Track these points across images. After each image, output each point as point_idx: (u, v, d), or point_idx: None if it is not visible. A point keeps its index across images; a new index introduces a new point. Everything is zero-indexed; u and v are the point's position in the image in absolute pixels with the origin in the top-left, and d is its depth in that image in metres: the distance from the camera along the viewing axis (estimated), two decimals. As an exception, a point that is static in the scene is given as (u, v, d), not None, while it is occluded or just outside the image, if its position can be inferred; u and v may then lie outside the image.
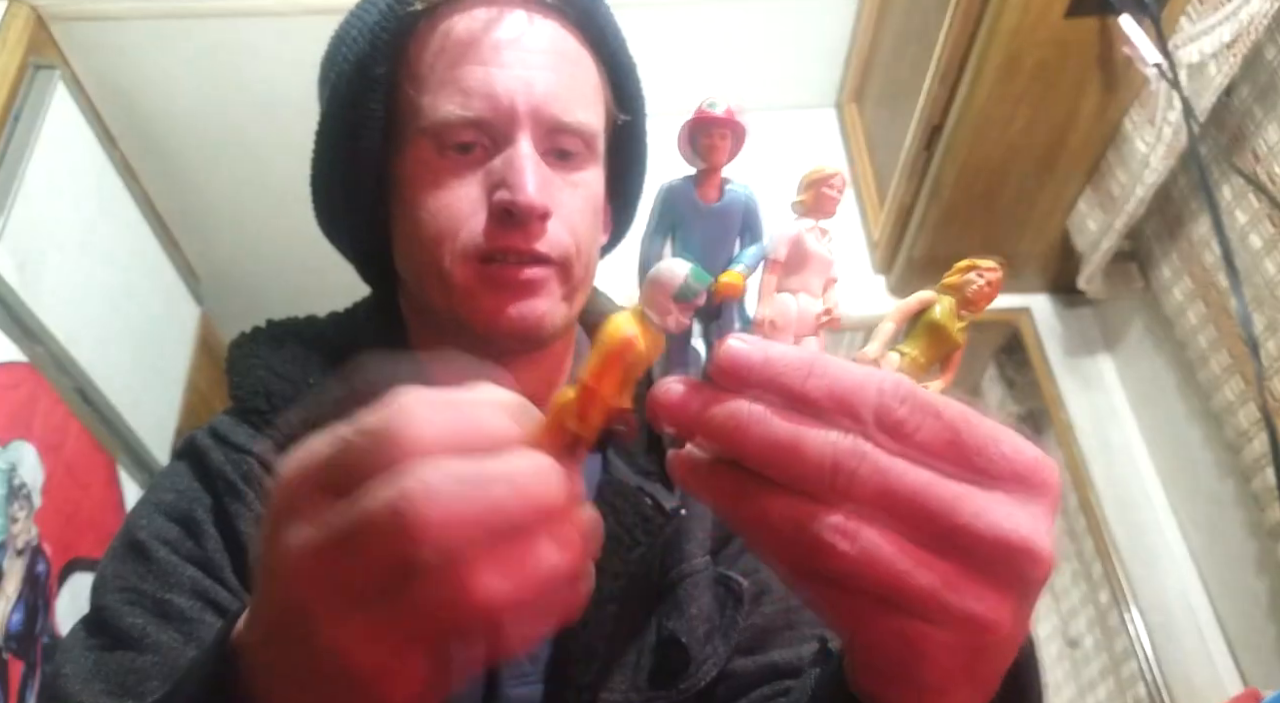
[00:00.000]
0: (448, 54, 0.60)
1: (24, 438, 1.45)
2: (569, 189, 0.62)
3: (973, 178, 1.59)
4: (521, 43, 0.61)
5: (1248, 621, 1.47)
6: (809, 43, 1.96)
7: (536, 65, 0.61)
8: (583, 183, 0.64)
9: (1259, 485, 1.36)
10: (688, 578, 0.63)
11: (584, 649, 0.60)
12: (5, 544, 1.37)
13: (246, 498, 0.61)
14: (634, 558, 0.61)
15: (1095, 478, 1.70)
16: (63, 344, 1.58)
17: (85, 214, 1.71)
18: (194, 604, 0.58)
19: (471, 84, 0.59)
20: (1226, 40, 1.25)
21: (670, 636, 0.61)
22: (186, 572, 0.59)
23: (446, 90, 0.60)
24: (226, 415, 0.67)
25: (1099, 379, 1.79)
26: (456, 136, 0.60)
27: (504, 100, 0.59)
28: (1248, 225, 1.35)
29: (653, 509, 0.62)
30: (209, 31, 1.72)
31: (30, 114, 1.58)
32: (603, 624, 0.60)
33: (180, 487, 0.63)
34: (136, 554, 0.60)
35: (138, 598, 0.58)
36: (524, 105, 0.59)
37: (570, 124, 0.61)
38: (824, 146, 2.07)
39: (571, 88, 0.62)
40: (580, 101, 0.63)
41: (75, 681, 0.55)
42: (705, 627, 0.62)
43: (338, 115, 0.64)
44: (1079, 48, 1.39)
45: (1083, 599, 1.80)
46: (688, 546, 0.64)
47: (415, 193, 0.62)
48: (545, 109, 0.60)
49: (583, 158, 0.63)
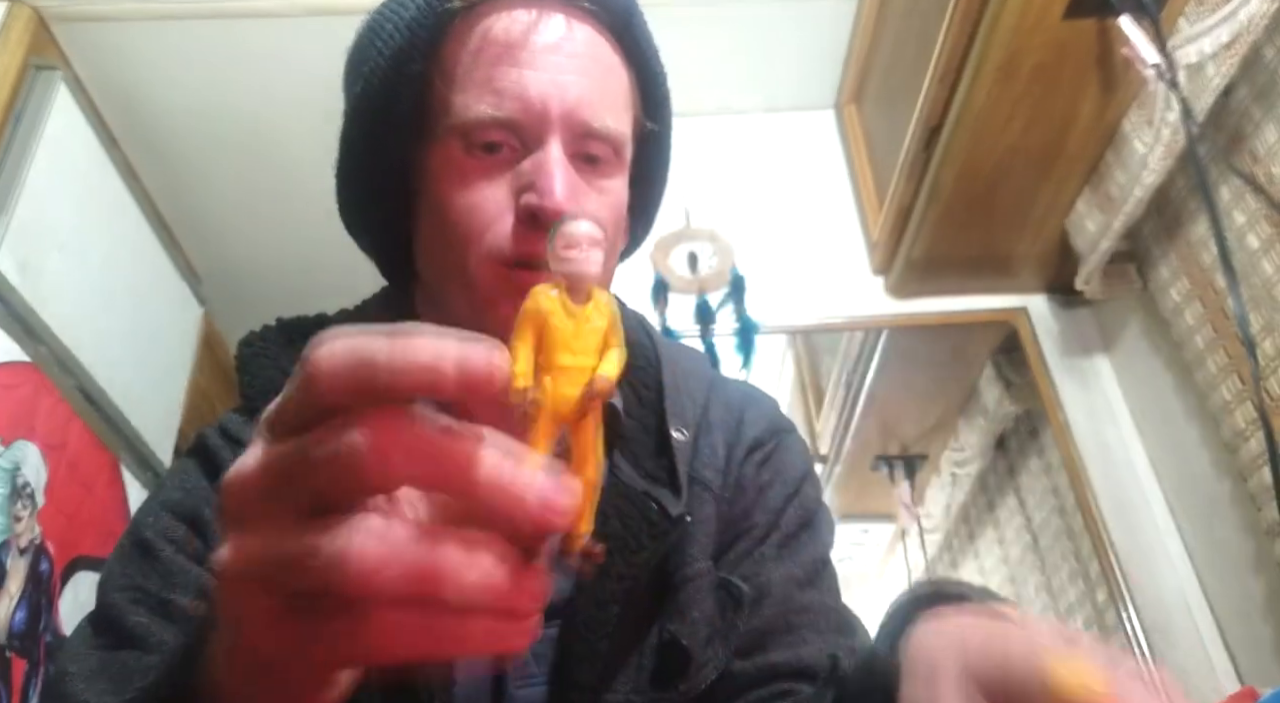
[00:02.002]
0: (483, 54, 0.60)
1: (27, 437, 1.46)
2: (595, 195, 0.62)
3: (971, 178, 1.59)
4: (558, 47, 0.60)
5: (1244, 619, 1.48)
6: (808, 45, 1.97)
7: (571, 70, 0.60)
8: (609, 190, 0.63)
9: (1255, 485, 1.36)
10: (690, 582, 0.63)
11: (587, 651, 0.60)
12: (8, 543, 1.37)
13: None
14: (638, 562, 0.61)
15: (1092, 477, 1.70)
16: (65, 344, 1.58)
17: (87, 215, 1.72)
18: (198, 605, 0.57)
19: (505, 85, 0.59)
20: (1225, 41, 1.25)
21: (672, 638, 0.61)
22: (191, 571, 0.58)
23: (480, 90, 0.59)
24: (236, 414, 0.66)
25: (1096, 379, 1.80)
26: (485, 136, 0.60)
27: (536, 103, 0.59)
28: (1245, 226, 1.36)
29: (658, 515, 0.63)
30: (210, 33, 1.73)
31: (32, 115, 1.59)
32: (606, 626, 0.60)
33: (188, 485, 0.63)
34: (142, 553, 0.60)
35: (142, 597, 0.58)
36: (556, 109, 0.59)
37: (600, 130, 0.61)
38: (823, 148, 2.08)
39: (604, 94, 0.62)
40: (612, 108, 0.62)
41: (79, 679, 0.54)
42: (706, 630, 0.63)
43: (368, 109, 0.63)
44: (1077, 49, 1.39)
45: (1080, 598, 1.80)
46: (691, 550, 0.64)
47: (442, 191, 0.61)
48: (577, 114, 0.60)
49: (611, 165, 0.63)
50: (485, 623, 0.29)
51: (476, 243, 0.59)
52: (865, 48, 1.93)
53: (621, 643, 0.61)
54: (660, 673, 0.62)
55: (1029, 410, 1.96)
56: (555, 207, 0.57)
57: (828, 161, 2.06)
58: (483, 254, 0.59)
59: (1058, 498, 1.89)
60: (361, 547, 0.28)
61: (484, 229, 0.59)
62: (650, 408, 0.69)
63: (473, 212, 0.60)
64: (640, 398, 0.69)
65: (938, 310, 1.87)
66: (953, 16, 1.44)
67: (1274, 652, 1.41)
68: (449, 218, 0.61)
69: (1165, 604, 1.58)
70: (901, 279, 1.84)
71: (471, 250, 0.60)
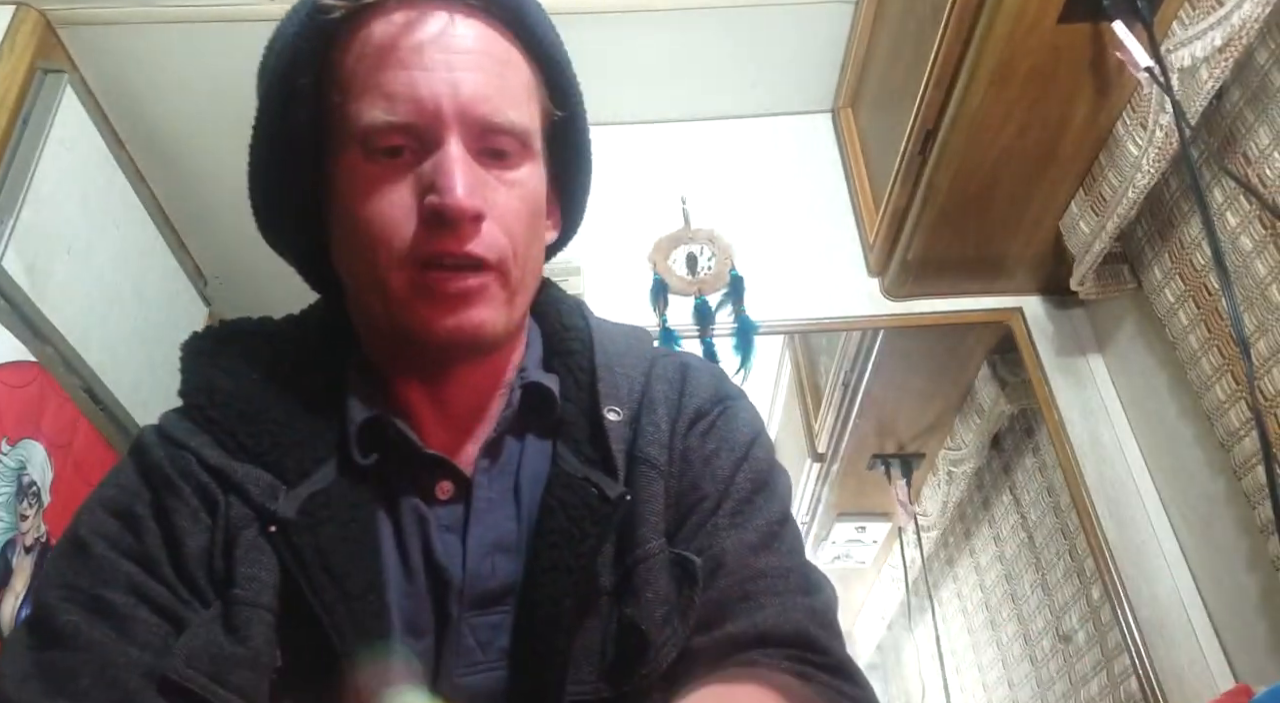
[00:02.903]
0: (369, 59, 0.60)
1: (33, 437, 1.47)
2: (504, 189, 0.61)
3: (967, 181, 1.61)
4: (445, 43, 0.60)
5: (1239, 617, 1.49)
6: (805, 49, 1.98)
7: (461, 66, 0.60)
8: (518, 182, 0.62)
9: (1250, 484, 1.37)
10: (642, 563, 0.62)
11: (546, 648, 0.60)
12: (15, 541, 1.39)
13: (183, 493, 0.60)
14: (585, 551, 0.61)
15: (1087, 476, 1.71)
16: (72, 344, 1.59)
17: (94, 216, 1.73)
18: (128, 600, 0.57)
19: (395, 88, 0.59)
20: (1218, 44, 1.26)
21: (630, 622, 0.61)
22: (123, 567, 0.58)
23: (372, 96, 0.59)
24: (173, 412, 0.67)
25: (1091, 379, 1.81)
26: (384, 141, 0.59)
27: (429, 103, 0.58)
28: (1238, 227, 1.37)
29: (598, 499, 0.62)
30: (216, 36, 1.74)
31: (39, 118, 1.60)
32: (561, 619, 0.60)
33: (122, 482, 0.63)
34: (77, 550, 0.59)
35: (73, 594, 0.57)
36: (450, 107, 0.59)
37: (501, 124, 0.61)
38: (820, 151, 2.10)
39: (501, 87, 0.61)
40: (510, 101, 0.62)
41: (11, 681, 0.54)
42: (663, 609, 0.61)
43: (268, 125, 0.64)
44: (1071, 53, 1.41)
45: (1075, 595, 1.81)
46: (640, 530, 0.63)
47: (348, 201, 0.61)
48: (473, 110, 0.59)
49: (518, 157, 0.62)
50: None
51: (385, 248, 0.59)
52: (862, 52, 1.94)
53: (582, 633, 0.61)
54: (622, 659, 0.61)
55: (1024, 410, 1.97)
56: (456, 204, 0.57)
57: (825, 165, 2.07)
58: (393, 259, 0.59)
59: (1053, 496, 1.90)
60: None
61: (391, 234, 0.59)
62: (586, 391, 0.68)
63: (379, 218, 0.60)
64: (577, 381, 0.69)
65: (933, 311, 1.89)
66: (948, 22, 1.45)
67: (1268, 650, 1.41)
68: (357, 227, 0.61)
69: (1160, 602, 1.59)
70: (898, 280, 1.85)
71: (381, 256, 0.60)
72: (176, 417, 0.65)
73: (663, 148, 2.06)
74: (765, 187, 2.04)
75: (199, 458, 0.61)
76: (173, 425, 0.64)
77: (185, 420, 0.64)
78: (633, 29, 1.87)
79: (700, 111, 2.08)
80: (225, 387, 0.65)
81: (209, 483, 0.61)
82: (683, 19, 1.87)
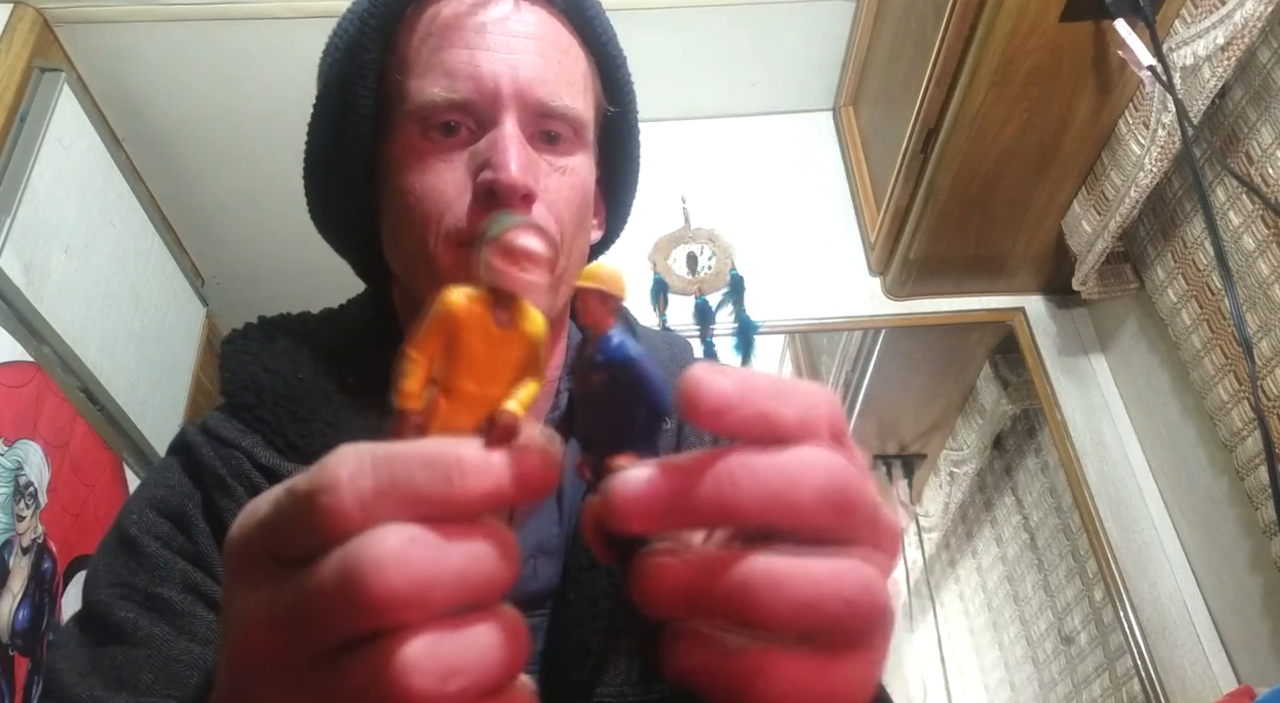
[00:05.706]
0: (434, 38, 0.61)
1: (30, 437, 1.46)
2: (556, 174, 0.62)
3: (968, 180, 1.60)
4: (508, 27, 0.61)
5: (1241, 618, 1.48)
6: (806, 48, 1.98)
7: (523, 49, 0.61)
8: (570, 169, 0.63)
9: (1252, 484, 1.37)
10: None
11: (578, 647, 0.60)
12: (11, 542, 1.38)
13: (235, 493, 0.60)
14: None
15: (1090, 477, 1.71)
16: (69, 344, 1.59)
17: (91, 216, 1.73)
18: (185, 597, 0.57)
19: (456, 67, 0.59)
20: (1220, 43, 1.26)
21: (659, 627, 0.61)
22: (177, 566, 0.58)
23: (432, 73, 0.60)
24: (218, 411, 0.66)
25: (1093, 379, 1.81)
26: (440, 118, 0.60)
27: (489, 82, 0.59)
28: (1241, 227, 1.36)
29: None
30: (213, 35, 1.74)
31: (36, 116, 1.60)
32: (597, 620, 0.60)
33: (171, 482, 0.63)
34: (128, 550, 0.60)
35: (129, 592, 0.58)
36: (509, 87, 0.59)
37: (557, 108, 0.61)
38: (821, 150, 2.09)
39: (559, 73, 0.62)
40: (567, 88, 0.62)
41: (70, 675, 0.54)
42: None
43: (328, 102, 0.64)
44: (1074, 51, 1.40)
45: (1077, 596, 1.81)
46: None
47: (401, 177, 0.61)
48: (531, 92, 0.60)
49: (571, 144, 0.63)
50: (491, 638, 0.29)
51: (436, 225, 0.59)
52: (863, 51, 1.94)
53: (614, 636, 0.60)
54: None
55: (1026, 410, 1.96)
56: (509, 180, 0.57)
57: (826, 163, 2.07)
58: (442, 236, 0.59)
59: (1055, 497, 1.89)
60: (398, 559, 0.26)
61: (443, 211, 0.59)
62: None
63: (431, 194, 0.60)
64: None
65: (935, 311, 1.88)
66: (949, 20, 1.45)
67: (1271, 650, 1.41)
68: (409, 202, 0.61)
69: (1162, 603, 1.59)
70: (899, 280, 1.85)
71: (431, 233, 0.60)
72: (223, 416, 0.65)
73: (663, 146, 2.05)
74: (766, 185, 2.04)
75: (251, 458, 0.61)
76: (220, 425, 0.64)
77: (233, 420, 0.64)
78: (633, 27, 1.86)
79: (700, 110, 2.07)
80: (274, 386, 0.64)
81: (262, 484, 0.60)
82: (683, 17, 1.87)
